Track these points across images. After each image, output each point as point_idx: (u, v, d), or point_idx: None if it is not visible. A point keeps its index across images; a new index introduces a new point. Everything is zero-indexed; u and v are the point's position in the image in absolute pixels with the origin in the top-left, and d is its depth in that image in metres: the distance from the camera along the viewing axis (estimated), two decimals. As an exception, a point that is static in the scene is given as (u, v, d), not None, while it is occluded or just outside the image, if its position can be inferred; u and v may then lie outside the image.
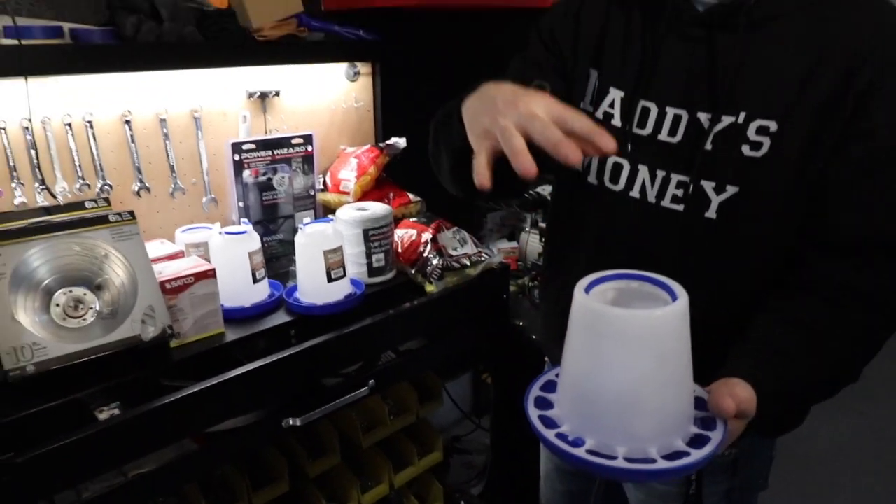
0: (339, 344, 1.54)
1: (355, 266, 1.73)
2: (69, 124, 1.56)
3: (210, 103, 1.79)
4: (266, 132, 1.91)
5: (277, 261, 1.92)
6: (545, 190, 2.32)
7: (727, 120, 0.91)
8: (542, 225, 2.34)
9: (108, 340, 1.34)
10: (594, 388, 0.72)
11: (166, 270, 1.46)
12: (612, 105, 1.02)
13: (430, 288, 1.71)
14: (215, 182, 1.81)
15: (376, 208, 1.75)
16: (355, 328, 1.56)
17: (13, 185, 1.52)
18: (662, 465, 0.70)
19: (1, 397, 1.20)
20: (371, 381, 1.66)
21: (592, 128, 0.70)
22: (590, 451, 0.72)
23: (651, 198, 0.99)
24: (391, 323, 1.62)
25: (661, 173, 0.97)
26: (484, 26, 2.45)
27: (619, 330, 0.70)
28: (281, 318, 1.61)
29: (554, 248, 1.27)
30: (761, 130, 0.89)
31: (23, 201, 1.53)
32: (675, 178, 0.96)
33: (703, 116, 0.93)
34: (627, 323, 0.69)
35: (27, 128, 1.50)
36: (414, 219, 1.88)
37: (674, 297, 0.72)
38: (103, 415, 1.27)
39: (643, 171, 0.99)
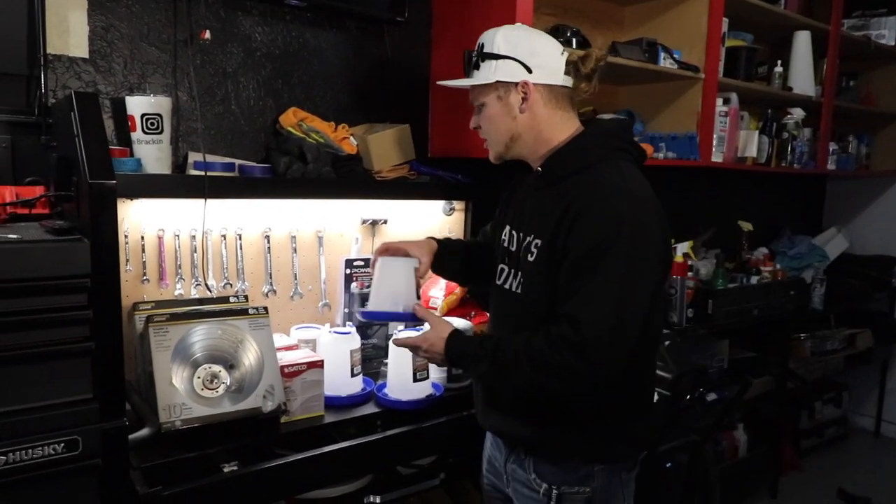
0: (417, 436, 1.80)
1: (437, 371, 2.01)
2: (224, 236, 1.97)
3: (332, 226, 2.18)
4: (373, 252, 2.27)
5: (369, 362, 2.21)
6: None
7: (527, 239, 1.49)
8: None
9: (235, 409, 1.65)
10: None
11: (285, 358, 1.78)
12: (507, 236, 1.60)
13: (499, 396, 1.96)
14: (329, 290, 2.17)
15: (460, 323, 2.05)
16: (432, 423, 1.82)
17: (176, 279, 1.91)
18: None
19: (155, 444, 1.52)
20: (442, 474, 1.90)
21: None
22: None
23: (510, 287, 1.54)
24: (464, 423, 1.87)
25: (512, 270, 1.54)
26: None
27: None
28: (370, 409, 1.89)
29: None
30: (535, 245, 1.46)
31: (181, 293, 1.92)
32: (515, 271, 1.53)
33: (522, 235, 1.52)
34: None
35: (194, 236, 1.92)
36: (490, 335, 2.16)
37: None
38: (226, 469, 1.56)
39: (510, 272, 1.55)
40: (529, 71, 1.47)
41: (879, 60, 3.76)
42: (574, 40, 2.30)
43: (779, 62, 3.11)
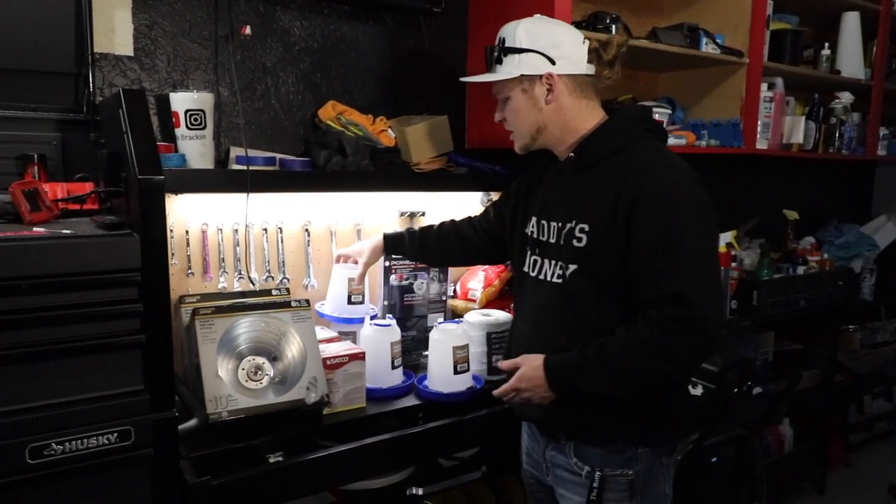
0: (458, 428, 1.80)
1: (477, 364, 2.01)
2: (265, 229, 1.99)
3: (370, 219, 2.19)
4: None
5: (408, 354, 2.21)
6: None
7: (568, 226, 1.48)
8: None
9: (279, 400, 1.67)
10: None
11: (327, 350, 1.80)
12: (533, 226, 1.61)
13: (540, 388, 1.95)
14: (368, 282, 2.18)
15: (499, 315, 2.04)
16: (473, 416, 1.82)
17: (220, 272, 1.94)
18: None
19: (203, 435, 1.55)
20: (483, 467, 1.90)
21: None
22: None
23: (546, 277, 1.53)
24: (504, 416, 1.86)
25: (549, 261, 1.53)
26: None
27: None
28: (411, 401, 1.90)
29: None
30: (581, 230, 1.45)
31: (224, 286, 1.95)
32: (554, 262, 1.51)
33: (560, 224, 1.51)
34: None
35: (236, 230, 1.94)
36: (531, 327, 2.15)
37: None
38: (272, 459, 1.58)
39: (545, 262, 1.54)
40: (553, 62, 1.49)
41: (932, 41, 3.62)
42: (613, 27, 2.26)
43: (826, 45, 3.02)
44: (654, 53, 2.38)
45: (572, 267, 1.47)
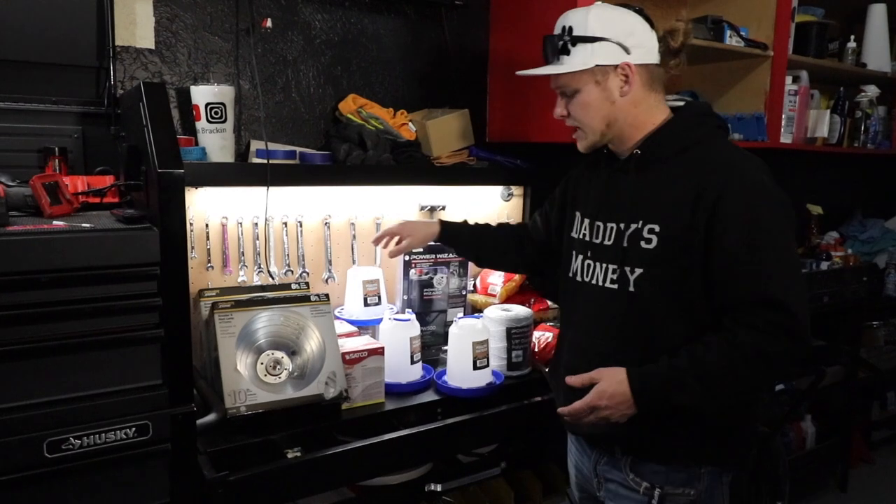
0: (477, 424, 1.79)
1: (497, 359, 1.99)
2: (285, 223, 1.99)
3: (390, 213, 2.18)
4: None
5: (428, 349, 2.21)
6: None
7: (633, 226, 1.38)
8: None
9: (298, 395, 1.66)
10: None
11: (346, 345, 1.79)
12: (585, 227, 1.52)
13: (560, 385, 1.93)
14: (387, 277, 2.17)
15: (519, 310, 2.02)
16: (493, 412, 1.81)
17: (239, 266, 1.94)
18: None
19: (221, 430, 1.54)
20: (503, 463, 1.88)
21: None
22: None
23: (598, 282, 1.44)
24: (524, 412, 1.85)
25: (603, 265, 1.43)
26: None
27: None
28: (430, 396, 1.89)
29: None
30: (650, 231, 1.35)
31: (243, 279, 1.95)
32: (610, 267, 1.42)
33: (622, 225, 1.41)
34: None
35: (256, 224, 1.94)
36: (551, 323, 2.13)
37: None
38: (290, 455, 1.58)
39: (597, 266, 1.45)
40: (627, 52, 1.38)
41: (962, 33, 3.53)
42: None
43: (852, 37, 2.95)
44: (678, 46, 2.34)
45: (638, 271, 1.37)
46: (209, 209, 1.88)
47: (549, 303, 2.24)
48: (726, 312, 1.29)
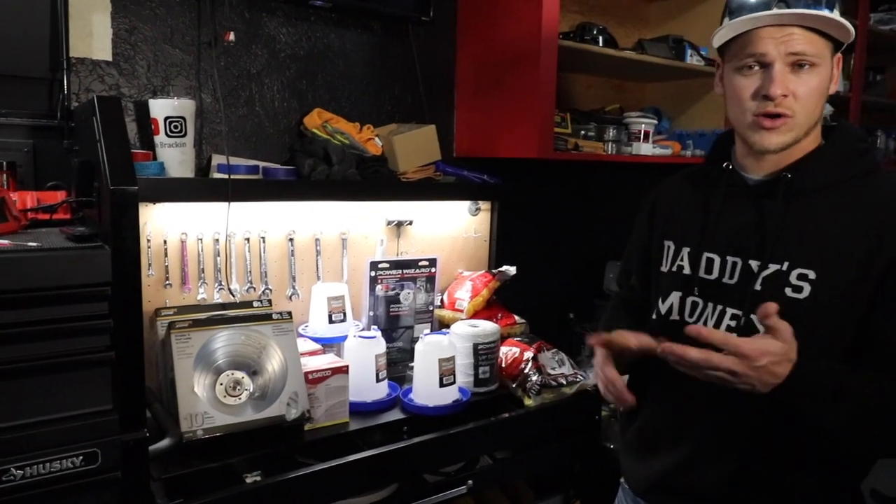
0: (444, 443, 1.76)
1: (464, 376, 1.96)
2: (248, 239, 1.94)
3: (356, 228, 2.15)
4: (398, 254, 2.24)
5: (395, 365, 2.17)
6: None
7: (773, 267, 1.14)
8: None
9: (258, 417, 1.62)
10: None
11: (310, 363, 1.75)
12: (682, 259, 1.28)
13: (528, 402, 1.91)
14: (353, 293, 2.14)
15: (486, 326, 2.00)
16: (459, 430, 1.78)
17: (199, 283, 1.89)
18: None
19: (176, 454, 1.49)
20: (469, 482, 1.85)
21: None
22: None
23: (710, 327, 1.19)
24: (491, 429, 1.83)
25: (719, 307, 1.20)
26: (584, 173, 2.76)
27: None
28: (396, 414, 1.85)
29: (636, 377, 1.36)
30: (801, 277, 1.11)
31: (203, 297, 1.89)
32: (729, 311, 1.18)
33: (754, 264, 1.16)
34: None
35: (217, 240, 1.89)
36: (518, 338, 2.11)
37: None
38: (249, 479, 1.53)
39: (707, 307, 1.22)
40: (842, 44, 1.14)
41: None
42: (601, 38, 2.25)
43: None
44: (641, 64, 2.40)
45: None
46: (168, 225, 1.82)
47: (517, 318, 2.22)
48: (878, 366, 1.08)
